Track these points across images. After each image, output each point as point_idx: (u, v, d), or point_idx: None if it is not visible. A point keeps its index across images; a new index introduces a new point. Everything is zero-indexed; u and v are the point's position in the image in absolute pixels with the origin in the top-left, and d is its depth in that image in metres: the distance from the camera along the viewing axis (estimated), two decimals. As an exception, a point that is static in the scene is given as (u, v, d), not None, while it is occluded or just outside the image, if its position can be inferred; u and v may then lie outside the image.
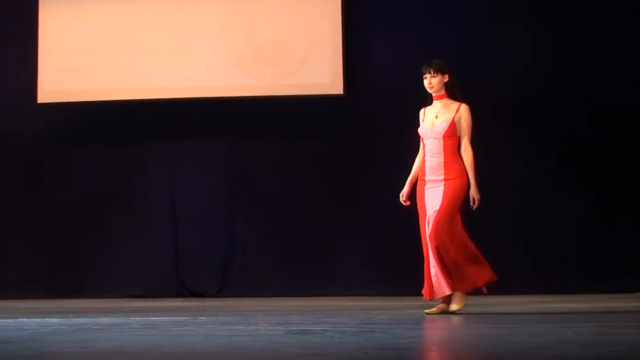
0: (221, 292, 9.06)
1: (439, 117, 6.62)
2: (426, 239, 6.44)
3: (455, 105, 6.63)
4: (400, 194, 6.61)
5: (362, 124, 8.95)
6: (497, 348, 4.08)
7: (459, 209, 6.43)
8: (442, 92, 6.65)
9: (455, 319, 5.83)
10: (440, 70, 6.67)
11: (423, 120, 6.67)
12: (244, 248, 9.20)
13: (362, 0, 9.09)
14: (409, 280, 7.27)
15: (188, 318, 6.09)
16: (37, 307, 7.60)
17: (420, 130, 6.64)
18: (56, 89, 9.15)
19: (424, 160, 6.62)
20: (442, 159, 6.56)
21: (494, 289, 8.32)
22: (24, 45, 9.23)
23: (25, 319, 6.13)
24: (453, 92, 6.72)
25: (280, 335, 4.77)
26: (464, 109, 6.60)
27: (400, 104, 8.65)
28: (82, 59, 9.12)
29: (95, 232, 9.20)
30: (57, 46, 9.16)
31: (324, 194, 8.98)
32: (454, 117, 6.57)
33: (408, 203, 6.61)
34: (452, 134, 6.53)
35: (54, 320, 6.02)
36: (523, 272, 8.56)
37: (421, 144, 6.64)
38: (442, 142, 6.56)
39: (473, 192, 6.46)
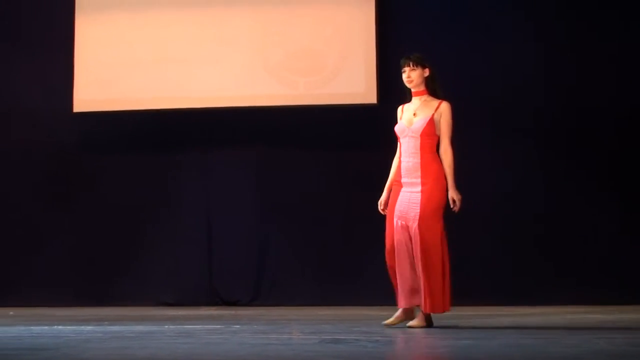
0: (254, 300, 9.05)
1: (417, 115, 6.18)
2: (392, 244, 6.09)
3: (435, 102, 6.19)
4: (378, 202, 6.30)
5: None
6: (532, 358, 4.06)
7: (441, 218, 5.97)
8: (422, 87, 6.23)
9: (487, 329, 5.76)
10: (420, 63, 6.27)
11: (400, 118, 6.27)
12: (277, 257, 9.18)
13: (395, 9, 9.05)
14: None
15: (222, 326, 6.12)
16: (72, 315, 7.66)
17: (396, 129, 6.25)
18: (92, 98, 9.20)
19: (400, 162, 6.20)
20: (418, 160, 6.10)
21: (524, 299, 8.28)
22: (60, 55, 9.29)
23: (60, 327, 6.19)
24: (433, 88, 6.27)
25: (314, 344, 4.78)
26: (444, 106, 6.15)
27: None
28: (117, 69, 9.18)
29: (130, 239, 9.23)
30: (92, 56, 9.22)
31: (357, 203, 8.83)
32: (433, 114, 6.11)
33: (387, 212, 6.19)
34: (430, 133, 6.08)
35: (89, 327, 6.06)
36: (552, 281, 8.56)
37: (398, 144, 6.24)
38: (419, 140, 6.10)
39: (452, 194, 6.04)
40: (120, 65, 9.19)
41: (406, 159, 6.13)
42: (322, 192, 9.00)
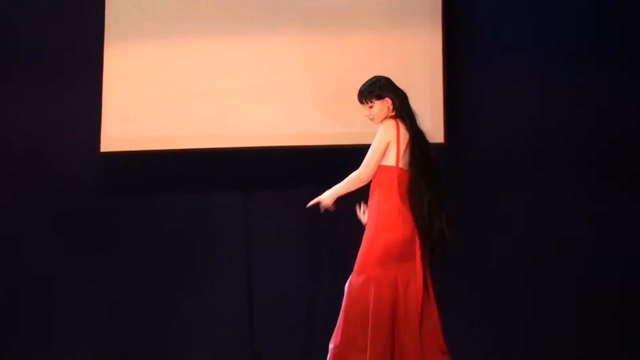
0: (301, 363, 8.40)
1: None
2: None
3: None
4: None
5: (466, 176, 8.13)
6: None
7: (381, 267, 5.65)
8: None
9: None
10: (375, 95, 5.90)
11: None
12: (327, 312, 8.12)
13: (467, 36, 8.42)
14: None
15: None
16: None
17: None
18: (121, 136, 8.73)
19: None
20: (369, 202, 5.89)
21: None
22: (87, 90, 8.86)
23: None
24: (402, 115, 5.92)
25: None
26: (382, 125, 5.82)
27: (512, 153, 8.15)
28: (149, 104, 8.69)
29: (160, 291, 8.75)
30: (122, 90, 8.75)
31: None
32: None
33: None
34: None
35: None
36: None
37: None
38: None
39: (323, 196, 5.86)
40: (153, 100, 8.67)
41: None
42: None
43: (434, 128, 8.06)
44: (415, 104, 8.04)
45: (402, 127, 5.86)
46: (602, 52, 8.15)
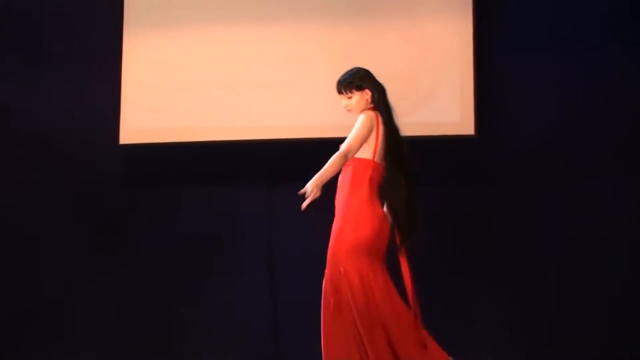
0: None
1: None
2: None
3: None
4: None
5: (497, 169, 7.94)
6: None
7: (360, 259, 5.59)
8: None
9: None
10: (355, 85, 5.87)
11: None
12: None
13: (498, 25, 8.13)
14: None
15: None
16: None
17: None
18: (141, 128, 8.50)
19: None
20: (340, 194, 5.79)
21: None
22: (106, 80, 8.65)
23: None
24: (379, 109, 5.85)
25: None
26: (364, 114, 5.76)
27: (543, 146, 7.89)
28: (170, 95, 8.45)
29: (180, 286, 8.53)
30: (142, 80, 8.51)
31: (450, 246, 8.04)
32: None
33: None
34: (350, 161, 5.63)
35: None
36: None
37: None
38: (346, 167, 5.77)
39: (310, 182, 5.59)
40: (173, 91, 8.45)
41: None
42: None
43: (463, 119, 7.87)
44: (445, 94, 7.89)
45: (380, 120, 5.90)
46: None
